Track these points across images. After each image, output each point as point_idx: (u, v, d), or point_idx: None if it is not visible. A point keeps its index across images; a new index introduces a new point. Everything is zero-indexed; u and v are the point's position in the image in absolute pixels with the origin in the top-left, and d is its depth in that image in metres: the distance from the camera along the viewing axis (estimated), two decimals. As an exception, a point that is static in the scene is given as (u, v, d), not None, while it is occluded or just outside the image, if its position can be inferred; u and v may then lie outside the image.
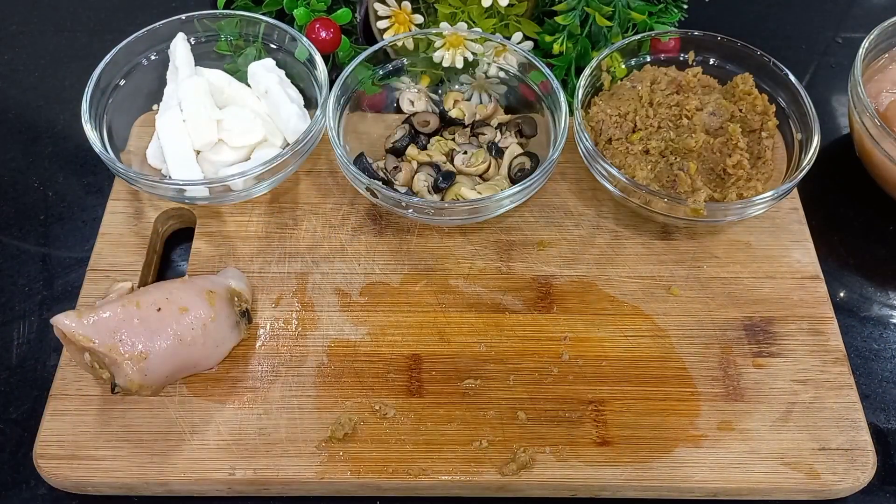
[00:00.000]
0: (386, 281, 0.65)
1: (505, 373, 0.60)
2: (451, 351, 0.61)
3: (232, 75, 0.73)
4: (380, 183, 0.64)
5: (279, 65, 0.73)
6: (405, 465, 0.56)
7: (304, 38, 0.72)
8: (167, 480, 0.55)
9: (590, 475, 0.56)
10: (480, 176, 0.70)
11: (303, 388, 0.59)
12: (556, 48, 0.74)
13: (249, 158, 0.70)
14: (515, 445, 0.57)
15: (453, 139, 0.72)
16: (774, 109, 0.69)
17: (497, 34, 0.74)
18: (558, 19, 0.73)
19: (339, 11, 0.76)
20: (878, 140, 0.69)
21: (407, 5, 0.73)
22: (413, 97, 0.75)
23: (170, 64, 0.72)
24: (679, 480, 0.56)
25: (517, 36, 0.75)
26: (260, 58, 0.74)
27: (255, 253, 0.67)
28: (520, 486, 0.56)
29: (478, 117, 0.73)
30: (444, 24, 0.72)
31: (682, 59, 0.73)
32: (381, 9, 0.74)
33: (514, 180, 0.69)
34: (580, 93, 0.69)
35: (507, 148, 0.70)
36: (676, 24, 0.77)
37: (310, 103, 0.72)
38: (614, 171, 0.64)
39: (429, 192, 0.68)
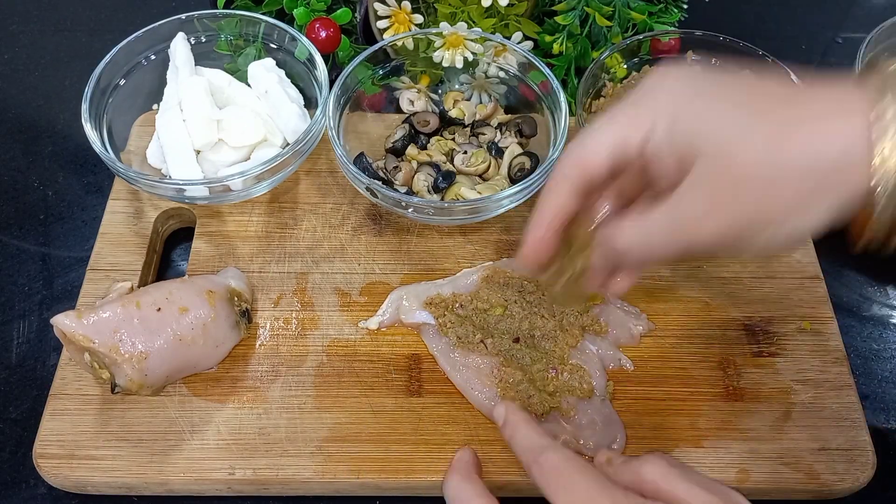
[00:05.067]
0: (386, 281, 0.65)
1: (505, 373, 0.60)
2: (451, 351, 0.61)
3: (232, 75, 0.73)
4: (380, 183, 0.64)
5: (279, 64, 0.73)
6: (405, 465, 0.56)
7: (304, 38, 0.72)
8: (167, 480, 0.55)
9: (590, 475, 0.56)
10: (480, 176, 0.70)
11: (303, 388, 0.59)
12: (556, 48, 0.74)
13: (249, 158, 0.70)
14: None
15: (453, 139, 0.72)
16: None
17: (497, 34, 0.74)
18: (558, 19, 0.74)
19: (338, 11, 0.76)
20: (878, 140, 0.69)
21: (407, 5, 0.73)
22: (413, 97, 0.75)
23: (170, 64, 0.72)
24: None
25: (517, 36, 0.75)
26: (260, 58, 0.74)
27: (255, 253, 0.67)
28: (520, 486, 0.56)
29: (478, 117, 0.73)
30: (443, 24, 0.72)
31: (682, 59, 0.73)
32: (380, 8, 0.74)
33: (514, 180, 0.69)
34: (581, 95, 0.68)
35: (506, 148, 0.70)
36: (676, 24, 0.77)
37: (310, 103, 0.72)
38: None
39: (429, 191, 0.68)
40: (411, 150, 0.71)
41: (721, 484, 0.42)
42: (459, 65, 0.73)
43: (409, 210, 0.64)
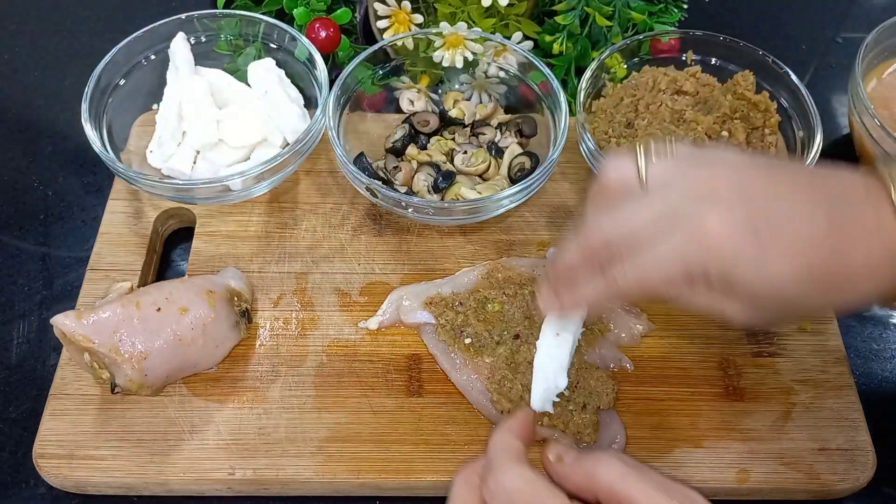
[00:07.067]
0: (386, 281, 0.65)
1: (505, 373, 0.60)
2: (451, 351, 0.61)
3: (232, 75, 0.73)
4: (380, 183, 0.64)
5: (279, 64, 0.73)
6: (405, 465, 0.56)
7: (304, 38, 0.72)
8: (167, 480, 0.55)
9: (589, 475, 0.56)
10: (480, 176, 0.70)
11: (302, 388, 0.59)
12: (556, 48, 0.74)
13: (249, 158, 0.70)
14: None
15: (453, 139, 0.72)
16: (776, 107, 0.69)
17: (497, 34, 0.74)
18: (558, 19, 0.73)
19: (338, 11, 0.76)
20: (878, 140, 0.69)
21: (407, 5, 0.73)
22: (413, 97, 0.75)
23: (170, 64, 0.72)
24: (679, 480, 0.56)
25: (517, 36, 0.75)
26: (260, 58, 0.74)
27: (255, 253, 0.67)
28: (519, 486, 0.56)
29: (478, 117, 0.73)
30: (443, 24, 0.72)
31: (682, 58, 0.73)
32: (380, 8, 0.74)
33: (513, 180, 0.69)
34: (581, 94, 0.68)
35: (506, 148, 0.70)
36: (676, 24, 0.77)
37: (310, 103, 0.72)
38: None
39: (429, 191, 0.68)
40: (411, 150, 0.71)
41: (682, 484, 0.40)
42: (459, 65, 0.73)
43: (409, 210, 0.64)
